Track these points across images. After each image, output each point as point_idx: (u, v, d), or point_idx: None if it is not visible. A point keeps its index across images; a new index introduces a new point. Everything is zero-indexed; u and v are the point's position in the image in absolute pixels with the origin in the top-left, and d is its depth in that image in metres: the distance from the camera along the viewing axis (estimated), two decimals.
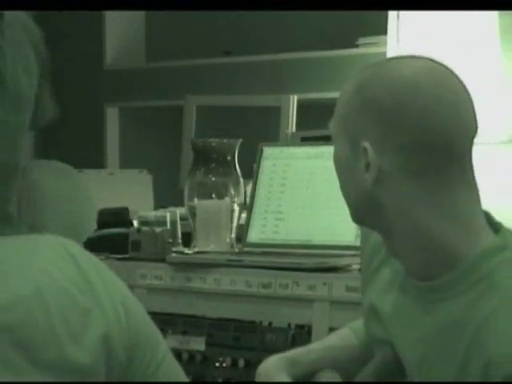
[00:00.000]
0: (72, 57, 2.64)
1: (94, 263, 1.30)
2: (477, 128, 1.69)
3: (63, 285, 1.24)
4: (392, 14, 3.29)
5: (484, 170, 1.81)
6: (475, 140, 1.70)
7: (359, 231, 1.98)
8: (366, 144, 1.66)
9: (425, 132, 1.64)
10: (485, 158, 2.75)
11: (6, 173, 2.26)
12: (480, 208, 1.70)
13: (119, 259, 3.04)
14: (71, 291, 1.23)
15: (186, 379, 1.39)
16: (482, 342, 1.56)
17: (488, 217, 1.71)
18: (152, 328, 1.34)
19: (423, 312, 1.68)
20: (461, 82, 1.68)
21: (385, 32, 3.35)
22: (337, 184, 1.77)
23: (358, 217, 1.78)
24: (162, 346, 1.35)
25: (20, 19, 2.42)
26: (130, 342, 1.27)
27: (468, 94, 1.68)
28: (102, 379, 1.23)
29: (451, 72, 1.70)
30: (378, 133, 1.66)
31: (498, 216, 1.75)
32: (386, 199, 1.67)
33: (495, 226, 1.71)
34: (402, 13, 3.28)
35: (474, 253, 1.64)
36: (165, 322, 2.65)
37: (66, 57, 2.70)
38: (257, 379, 1.91)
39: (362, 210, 1.75)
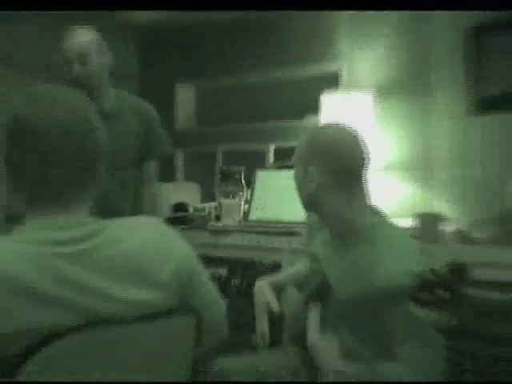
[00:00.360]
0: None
1: (170, 231, 1.29)
2: (365, 162, 1.69)
3: (155, 242, 1.23)
4: (323, 99, 3.32)
5: (373, 184, 1.83)
6: (369, 167, 1.70)
7: (306, 214, 1.97)
8: (312, 169, 1.65)
9: (341, 163, 1.63)
10: (373, 177, 2.76)
11: (121, 186, 2.29)
12: (368, 203, 1.70)
13: (183, 229, 3.04)
14: (157, 246, 1.23)
15: (217, 293, 1.34)
16: (372, 271, 1.56)
17: (374, 206, 1.71)
18: (199, 265, 1.32)
19: (340, 256, 1.67)
20: (358, 137, 1.69)
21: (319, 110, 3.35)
22: (295, 191, 1.77)
23: (305, 208, 1.77)
24: (204, 275, 1.33)
25: (128, 103, 2.41)
26: (188, 272, 1.26)
27: (361, 143, 1.68)
28: (174, 293, 1.22)
29: (353, 131, 1.70)
30: (318, 163, 1.65)
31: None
32: (321, 199, 1.66)
33: (376, 211, 1.71)
34: (328, 99, 3.31)
35: (366, 225, 1.64)
36: (206, 261, 2.63)
37: None
38: (254, 291, 1.90)
39: (308, 205, 1.73)
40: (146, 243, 1.21)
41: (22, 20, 3.39)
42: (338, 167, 1.65)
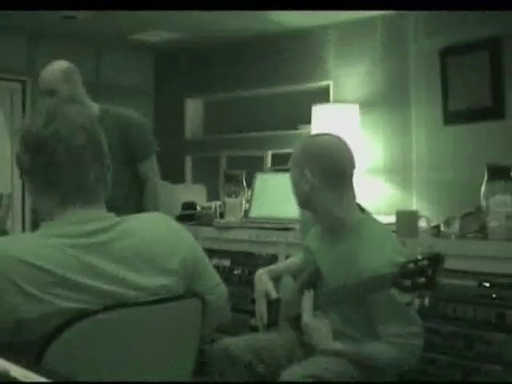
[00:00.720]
0: (163, 131, 2.68)
1: (179, 226, 1.27)
2: (353, 166, 1.68)
3: (165, 235, 1.21)
4: (314, 111, 3.31)
5: (359, 185, 1.82)
6: (355, 170, 1.69)
7: (300, 211, 1.96)
8: (306, 172, 1.64)
9: (331, 167, 1.63)
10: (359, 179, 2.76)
11: (118, 185, 2.31)
12: (355, 202, 1.68)
13: (191, 224, 3.01)
14: (167, 239, 1.21)
15: (219, 279, 1.31)
16: (359, 261, 1.54)
17: (360, 205, 1.70)
18: (204, 256, 1.30)
19: (331, 249, 1.66)
20: (345, 144, 1.68)
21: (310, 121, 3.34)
22: (291, 191, 1.75)
23: (300, 205, 1.76)
24: (208, 264, 1.30)
25: (110, 114, 2.53)
26: (194, 262, 1.24)
27: (348, 150, 1.67)
28: (182, 280, 1.19)
29: (342, 140, 1.69)
30: (311, 167, 1.63)
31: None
32: (315, 197, 1.64)
33: (362, 209, 1.70)
34: (318, 111, 3.31)
35: (353, 221, 1.63)
36: (211, 253, 2.60)
37: (163, 131, 2.73)
38: (255, 279, 1.88)
39: (303, 203, 1.72)
40: (157, 237, 1.19)
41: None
42: (328, 170, 1.63)
